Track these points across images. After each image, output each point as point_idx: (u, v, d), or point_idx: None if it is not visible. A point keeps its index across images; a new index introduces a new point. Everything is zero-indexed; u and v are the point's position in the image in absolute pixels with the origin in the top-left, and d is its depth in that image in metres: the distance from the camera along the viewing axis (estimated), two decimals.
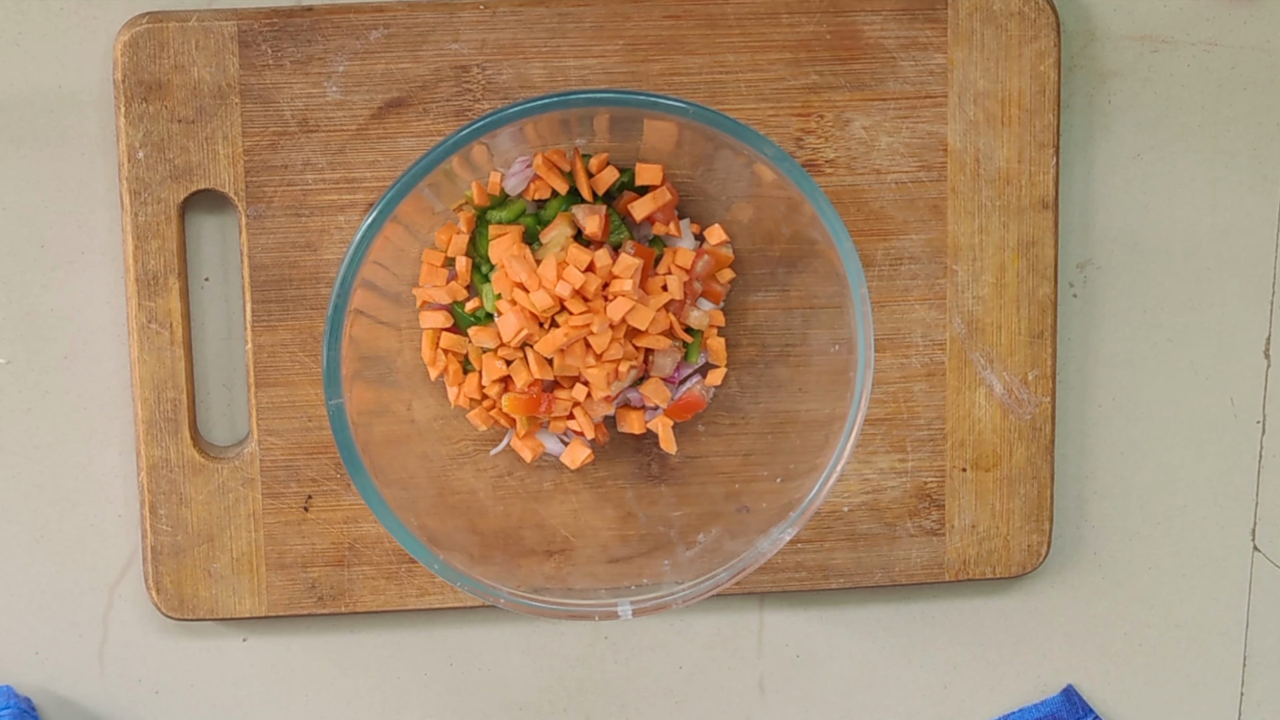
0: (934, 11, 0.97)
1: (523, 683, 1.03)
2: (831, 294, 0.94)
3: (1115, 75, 1.01)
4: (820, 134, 0.98)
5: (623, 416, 0.98)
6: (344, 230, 0.97)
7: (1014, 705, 1.06)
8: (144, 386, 0.97)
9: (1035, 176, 0.99)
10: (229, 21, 0.95)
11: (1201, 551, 1.06)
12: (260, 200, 0.96)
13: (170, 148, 0.96)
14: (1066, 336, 1.03)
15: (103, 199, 0.98)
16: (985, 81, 0.98)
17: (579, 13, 0.96)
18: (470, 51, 0.96)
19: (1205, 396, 1.04)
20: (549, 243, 0.95)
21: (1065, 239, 1.02)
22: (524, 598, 0.93)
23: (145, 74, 0.95)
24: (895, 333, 1.00)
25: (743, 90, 0.98)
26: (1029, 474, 1.01)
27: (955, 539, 1.01)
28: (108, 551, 1.00)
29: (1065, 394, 1.03)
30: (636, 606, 0.93)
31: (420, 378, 0.98)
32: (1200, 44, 1.02)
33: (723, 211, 0.97)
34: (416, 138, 0.97)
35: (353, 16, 0.96)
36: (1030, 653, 1.05)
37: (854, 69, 0.98)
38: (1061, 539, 1.04)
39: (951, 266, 0.99)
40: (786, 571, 1.01)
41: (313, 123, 0.96)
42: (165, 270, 0.96)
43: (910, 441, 1.01)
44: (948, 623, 1.05)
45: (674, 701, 1.04)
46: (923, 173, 0.99)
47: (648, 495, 0.99)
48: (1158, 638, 1.06)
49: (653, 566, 0.96)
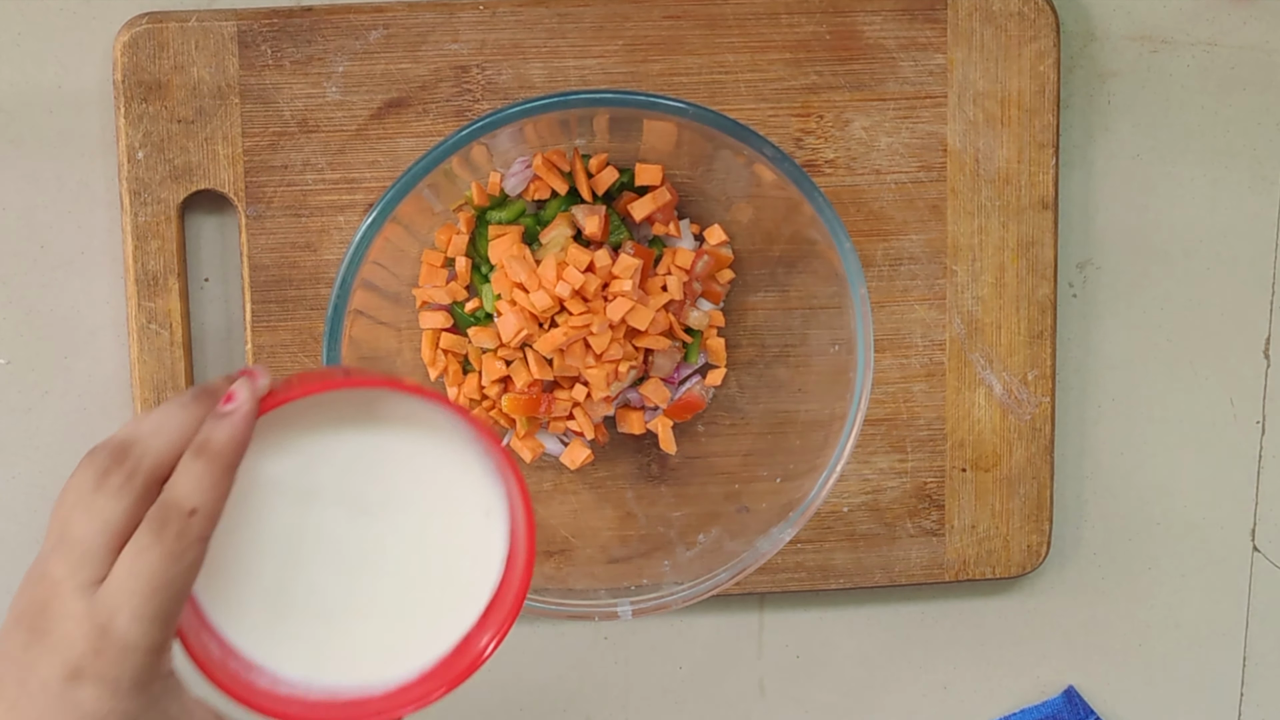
0: (934, 12, 0.97)
1: (523, 683, 1.03)
2: (831, 294, 0.94)
3: (1115, 75, 1.01)
4: (820, 134, 0.98)
5: (622, 417, 0.98)
6: (344, 230, 0.97)
7: (1014, 706, 1.06)
8: (144, 387, 0.97)
9: (1035, 176, 0.99)
10: (229, 22, 0.95)
11: (1201, 552, 1.06)
12: (260, 200, 0.96)
13: (170, 148, 0.96)
14: (1066, 336, 1.03)
15: (102, 199, 0.98)
16: (985, 82, 0.98)
17: (579, 13, 0.96)
18: (470, 52, 0.96)
19: (1205, 396, 1.04)
20: (549, 243, 0.95)
21: (1065, 239, 1.02)
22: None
23: (145, 74, 0.95)
24: (895, 333, 1.00)
25: (742, 90, 0.98)
26: (1029, 474, 1.01)
27: (955, 539, 1.01)
28: None
29: (1065, 394, 1.03)
30: (636, 607, 0.93)
31: (420, 378, 0.98)
32: (1200, 44, 1.02)
33: (722, 212, 0.97)
34: (416, 138, 0.97)
35: (352, 17, 0.96)
36: (1030, 653, 1.05)
37: (854, 69, 0.98)
38: (1061, 539, 1.04)
39: (951, 267, 0.99)
40: (786, 572, 1.01)
41: (312, 123, 0.96)
42: (165, 270, 0.96)
43: (910, 442, 1.01)
44: (948, 623, 1.05)
45: (674, 702, 1.04)
46: (922, 173, 0.99)
47: (647, 495, 0.99)
48: (1158, 638, 1.06)
49: (652, 567, 0.96)
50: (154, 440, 0.72)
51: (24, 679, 0.72)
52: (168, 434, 0.72)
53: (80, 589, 0.71)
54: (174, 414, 0.73)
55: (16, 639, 0.72)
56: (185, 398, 0.73)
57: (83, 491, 0.72)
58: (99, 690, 0.71)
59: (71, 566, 0.71)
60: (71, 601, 0.71)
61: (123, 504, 0.71)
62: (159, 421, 0.73)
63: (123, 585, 0.71)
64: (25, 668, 0.72)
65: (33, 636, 0.72)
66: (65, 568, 0.71)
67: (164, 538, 0.71)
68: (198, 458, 0.72)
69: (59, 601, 0.71)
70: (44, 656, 0.71)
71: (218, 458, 0.72)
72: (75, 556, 0.71)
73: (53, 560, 0.72)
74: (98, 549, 0.71)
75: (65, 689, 0.71)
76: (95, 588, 0.71)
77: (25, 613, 0.72)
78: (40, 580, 0.72)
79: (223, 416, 0.73)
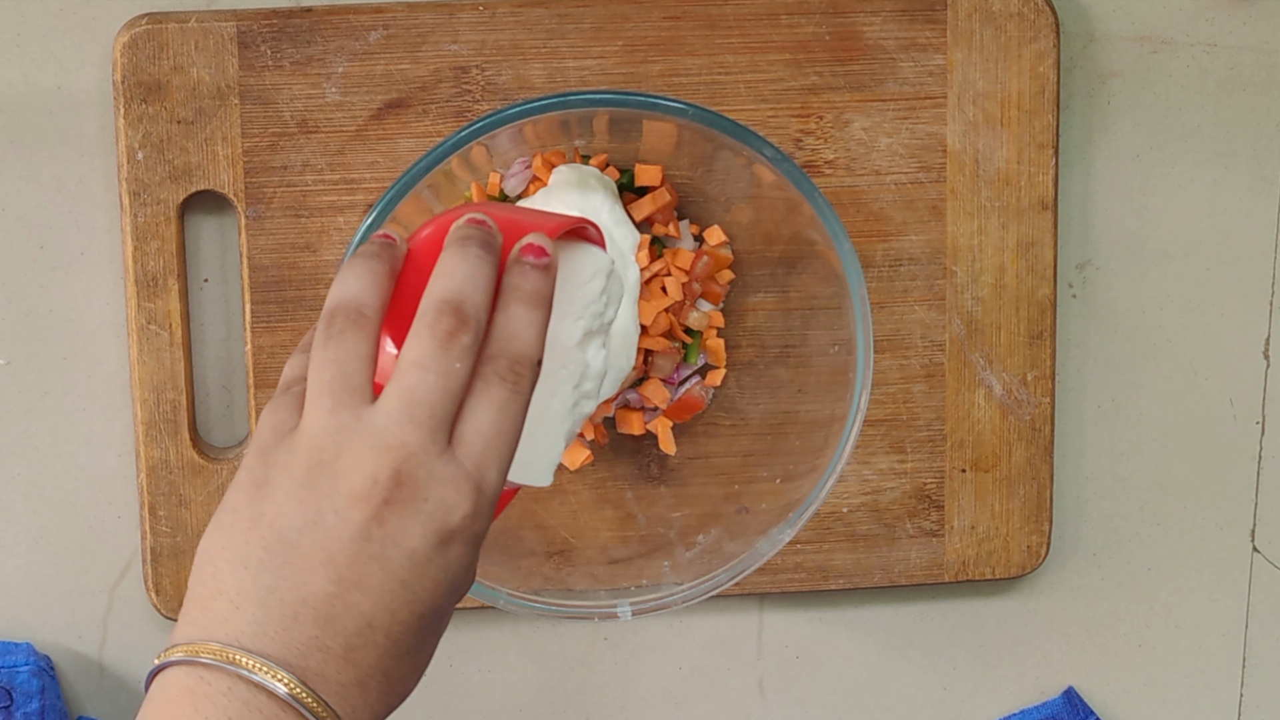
0: (933, 12, 0.97)
1: (523, 684, 1.03)
2: (831, 295, 0.94)
3: (1115, 76, 1.01)
4: (820, 135, 0.98)
5: (622, 417, 0.98)
6: (343, 231, 0.97)
7: (1014, 706, 1.06)
8: (143, 388, 0.97)
9: (1034, 177, 0.99)
10: (228, 22, 0.95)
11: (1201, 552, 1.06)
12: (259, 201, 0.96)
13: (169, 149, 0.96)
14: (1066, 337, 1.03)
15: (102, 200, 0.98)
16: (984, 82, 0.98)
17: (578, 14, 0.96)
18: (469, 52, 0.96)
19: (1204, 397, 1.04)
20: None
21: (1064, 240, 1.02)
22: (524, 599, 0.93)
23: (144, 75, 0.95)
24: (894, 334, 1.00)
25: (742, 91, 0.98)
26: (1028, 475, 1.01)
27: (955, 540, 1.01)
28: (107, 553, 1.00)
29: (1064, 394, 1.03)
30: (636, 607, 0.93)
31: None
32: (1200, 45, 1.01)
33: (722, 212, 0.97)
34: (416, 139, 0.97)
35: (352, 18, 0.96)
36: (1029, 653, 1.05)
37: (853, 70, 0.98)
38: (1061, 539, 1.04)
39: (951, 267, 0.99)
40: (786, 572, 1.01)
41: (312, 124, 0.96)
42: (164, 271, 0.96)
43: (910, 442, 1.01)
44: (947, 623, 1.05)
45: (674, 702, 1.04)
46: (922, 174, 0.99)
47: (647, 496, 0.99)
48: (1157, 638, 1.06)
49: (652, 567, 0.96)
50: (479, 297, 0.72)
51: (385, 555, 0.69)
52: (486, 291, 0.72)
53: (442, 452, 0.70)
54: (479, 268, 0.72)
55: (365, 510, 0.69)
56: (475, 248, 0.73)
57: (427, 353, 0.70)
58: (467, 548, 0.71)
59: (429, 429, 0.70)
60: (440, 465, 0.70)
61: (469, 364, 0.71)
62: (469, 274, 0.72)
63: (490, 442, 0.70)
64: (385, 543, 0.69)
65: (394, 509, 0.69)
66: (420, 431, 0.70)
67: (520, 391, 0.71)
68: (535, 308, 0.72)
69: (424, 467, 0.70)
70: (412, 526, 0.69)
71: (545, 305, 0.73)
72: (427, 417, 0.70)
73: (393, 424, 0.70)
74: (447, 408, 0.70)
75: (437, 553, 0.70)
76: (450, 449, 0.70)
77: (373, 489, 0.69)
78: (384, 451, 0.69)
79: (536, 268, 0.73)
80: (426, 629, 0.71)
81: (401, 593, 0.70)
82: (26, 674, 0.98)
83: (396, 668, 0.71)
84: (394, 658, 0.70)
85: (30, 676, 0.98)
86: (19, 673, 0.98)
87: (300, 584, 0.69)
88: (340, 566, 0.69)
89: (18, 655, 0.99)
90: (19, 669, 0.98)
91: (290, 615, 0.69)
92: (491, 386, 0.71)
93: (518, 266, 0.73)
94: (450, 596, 0.71)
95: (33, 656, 0.99)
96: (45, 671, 0.99)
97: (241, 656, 0.68)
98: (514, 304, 0.72)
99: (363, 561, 0.69)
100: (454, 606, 0.72)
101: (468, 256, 0.72)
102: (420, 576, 0.70)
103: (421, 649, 0.72)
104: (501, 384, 0.71)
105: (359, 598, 0.69)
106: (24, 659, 0.99)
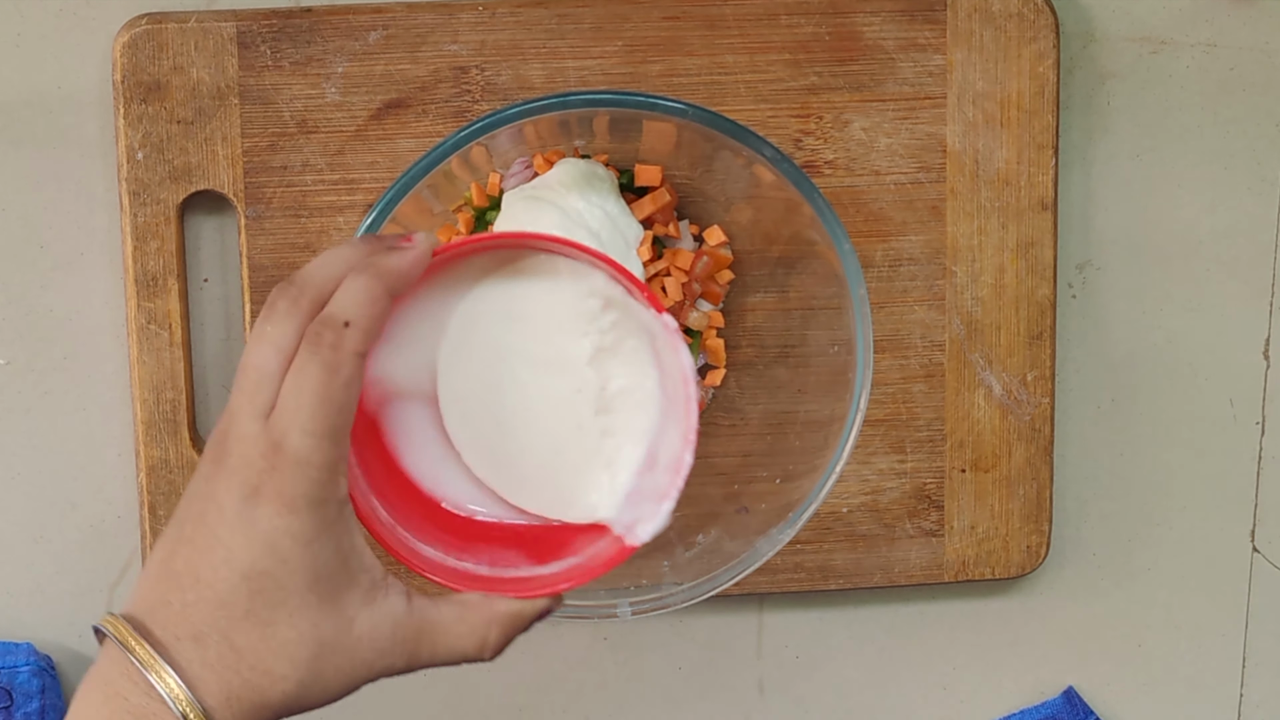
0: (933, 13, 0.97)
1: (522, 683, 1.03)
2: (830, 295, 0.94)
3: (1114, 76, 1.01)
4: (819, 135, 0.98)
5: None
6: (343, 231, 0.97)
7: (1013, 706, 1.06)
8: (143, 387, 0.97)
9: (1034, 177, 0.99)
10: (228, 23, 0.95)
11: (1201, 552, 1.06)
12: (259, 201, 0.96)
13: (169, 149, 0.96)
14: (1066, 337, 1.03)
15: (102, 200, 0.98)
16: (984, 83, 0.98)
17: (578, 14, 0.96)
18: (469, 53, 0.96)
19: (1204, 397, 1.04)
20: None
21: (1064, 240, 1.02)
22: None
23: (144, 75, 0.95)
24: (894, 334, 1.00)
25: (742, 91, 0.98)
26: (1028, 475, 1.01)
27: (954, 540, 1.01)
28: (107, 552, 1.00)
29: (1064, 395, 1.03)
30: (635, 607, 0.93)
31: None
32: (1200, 45, 1.01)
33: (722, 213, 0.97)
34: (415, 139, 0.97)
35: (351, 18, 0.96)
36: (1029, 654, 1.05)
37: (853, 70, 0.98)
38: (1061, 540, 1.04)
39: (950, 268, 0.99)
40: (786, 572, 1.01)
41: (312, 124, 0.96)
42: (164, 271, 0.97)
43: (909, 442, 1.01)
44: (947, 623, 1.05)
45: (673, 702, 1.04)
46: (922, 174, 0.99)
47: None
48: (1157, 638, 1.06)
49: (652, 567, 0.96)
50: (320, 270, 0.75)
51: (205, 509, 0.74)
52: (333, 265, 0.76)
53: (255, 413, 0.74)
54: (341, 251, 0.76)
55: (202, 472, 0.75)
56: (355, 239, 0.77)
57: (258, 326, 0.74)
58: (275, 507, 0.73)
59: (248, 393, 0.74)
60: (247, 424, 0.74)
61: (289, 327, 0.74)
62: (326, 257, 0.76)
63: (288, 402, 0.73)
64: (208, 498, 0.74)
65: (214, 466, 0.74)
66: (241, 396, 0.74)
67: (320, 350, 0.73)
68: (359, 276, 0.75)
69: (236, 427, 0.74)
70: (224, 480, 0.74)
71: (380, 275, 0.75)
72: (250, 384, 0.74)
73: (232, 394, 0.75)
74: (270, 374, 0.74)
75: (243, 509, 0.73)
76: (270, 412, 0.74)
77: (209, 446, 0.75)
78: (223, 415, 0.75)
79: (394, 250, 0.76)
80: (258, 594, 0.74)
81: (217, 548, 0.74)
82: (26, 674, 0.98)
83: (236, 632, 0.74)
84: (229, 619, 0.74)
85: (30, 676, 0.98)
86: (19, 673, 0.98)
87: (160, 546, 0.76)
88: (182, 525, 0.75)
89: (18, 655, 0.99)
90: (19, 669, 0.98)
91: (152, 576, 0.75)
92: (300, 349, 0.74)
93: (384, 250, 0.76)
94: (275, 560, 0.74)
95: (33, 656, 0.99)
96: (45, 671, 0.99)
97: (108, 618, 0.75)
98: (350, 276, 0.75)
99: (192, 518, 0.75)
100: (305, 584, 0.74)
101: (346, 244, 0.77)
102: (232, 532, 0.74)
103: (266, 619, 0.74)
104: (305, 343, 0.74)
105: (188, 552, 0.74)
106: (24, 659, 0.99)
